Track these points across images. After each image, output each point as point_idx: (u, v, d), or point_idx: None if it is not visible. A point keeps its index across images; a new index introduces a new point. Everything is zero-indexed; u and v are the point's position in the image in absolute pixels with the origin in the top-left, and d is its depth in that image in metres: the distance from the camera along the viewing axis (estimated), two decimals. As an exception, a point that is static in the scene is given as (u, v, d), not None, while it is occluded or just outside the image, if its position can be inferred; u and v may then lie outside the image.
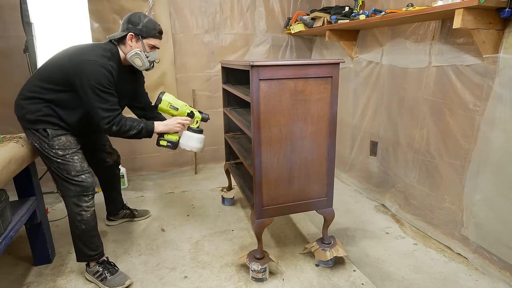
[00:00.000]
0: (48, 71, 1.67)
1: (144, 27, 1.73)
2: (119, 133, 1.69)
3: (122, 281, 1.76)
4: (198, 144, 1.94)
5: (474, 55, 1.83)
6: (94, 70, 1.59)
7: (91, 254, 1.78)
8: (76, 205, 1.71)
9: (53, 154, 1.67)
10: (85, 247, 1.77)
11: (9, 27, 2.75)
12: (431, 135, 2.18)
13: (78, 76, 1.59)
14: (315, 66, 1.63)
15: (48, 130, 1.67)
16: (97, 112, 1.62)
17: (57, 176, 1.71)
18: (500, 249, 1.77)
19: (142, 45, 1.75)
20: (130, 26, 1.72)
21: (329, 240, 1.92)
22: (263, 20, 3.50)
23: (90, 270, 1.81)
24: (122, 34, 1.73)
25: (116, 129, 1.67)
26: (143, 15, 1.76)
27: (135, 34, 1.73)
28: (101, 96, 1.61)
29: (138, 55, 1.74)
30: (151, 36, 1.76)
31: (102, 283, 1.76)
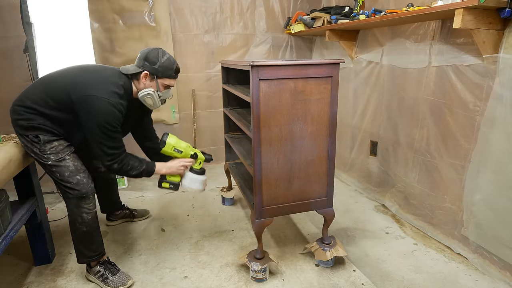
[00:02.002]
0: (56, 89, 1.59)
1: (161, 67, 1.65)
2: (119, 171, 1.65)
3: (124, 281, 1.76)
4: (200, 186, 1.95)
5: (474, 55, 1.83)
6: (104, 109, 1.52)
7: (92, 255, 1.76)
8: (76, 207, 1.66)
9: (45, 160, 1.62)
10: (85, 249, 1.75)
11: (9, 27, 2.75)
12: (431, 135, 2.18)
13: (85, 111, 1.52)
14: (315, 66, 1.63)
15: (40, 136, 1.60)
16: (101, 148, 1.57)
17: (53, 179, 1.68)
18: (500, 249, 1.77)
19: (157, 84, 1.68)
20: (147, 64, 1.65)
21: (329, 240, 1.92)
22: (263, 20, 3.50)
23: (91, 270, 1.80)
24: (137, 70, 1.66)
25: (117, 167, 1.63)
26: (161, 53, 1.67)
27: (150, 73, 1.65)
28: (108, 135, 1.55)
29: (150, 95, 1.67)
30: (167, 77, 1.70)
31: (103, 283, 1.76)
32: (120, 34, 3.02)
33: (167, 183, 1.90)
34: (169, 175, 1.89)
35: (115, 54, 3.04)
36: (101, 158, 1.61)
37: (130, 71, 1.67)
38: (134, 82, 1.70)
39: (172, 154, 1.88)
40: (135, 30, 3.05)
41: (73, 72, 1.64)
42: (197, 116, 3.53)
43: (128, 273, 1.86)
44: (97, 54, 2.99)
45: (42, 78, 1.69)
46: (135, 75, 1.68)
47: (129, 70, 1.67)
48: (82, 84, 1.56)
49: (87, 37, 2.95)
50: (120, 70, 1.69)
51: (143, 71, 1.65)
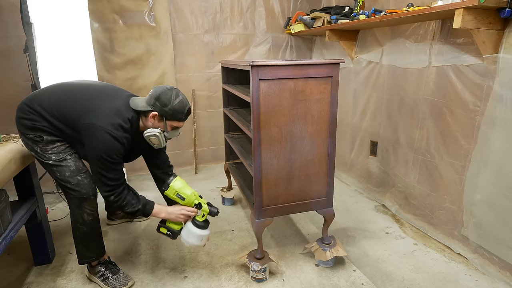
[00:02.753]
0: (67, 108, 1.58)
1: (171, 110, 1.59)
2: (114, 204, 1.60)
3: (124, 282, 1.76)
4: (198, 241, 1.72)
5: (474, 55, 1.83)
6: (106, 141, 1.49)
7: (91, 256, 1.75)
8: (78, 207, 1.65)
9: (46, 159, 1.60)
10: (85, 250, 1.73)
11: (9, 27, 2.75)
12: (431, 135, 2.18)
13: (88, 138, 1.52)
14: (315, 66, 1.63)
15: (44, 136, 1.59)
16: (100, 178, 1.55)
17: (56, 181, 1.66)
18: (500, 249, 1.77)
19: (165, 125, 1.63)
20: (158, 104, 1.58)
21: (329, 240, 1.92)
22: (263, 20, 3.50)
23: (91, 269, 1.81)
24: (147, 108, 1.60)
25: (113, 199, 1.59)
26: (174, 95, 1.60)
27: (159, 115, 1.60)
28: (107, 166, 1.53)
29: (156, 136, 1.62)
30: (177, 120, 1.64)
31: (104, 283, 1.76)
32: (120, 34, 3.02)
33: (165, 229, 1.75)
34: (169, 221, 1.77)
35: (115, 54, 3.04)
36: (99, 187, 1.60)
37: (139, 108, 1.62)
38: (142, 118, 1.67)
39: (174, 199, 1.74)
40: (135, 30, 3.05)
41: (89, 96, 1.62)
42: (197, 116, 3.53)
43: (128, 273, 1.86)
44: (97, 54, 2.99)
45: (58, 87, 1.67)
46: (143, 111, 1.63)
47: (138, 106, 1.62)
48: (91, 111, 1.55)
49: (87, 37, 2.95)
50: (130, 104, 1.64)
51: (153, 111, 1.60)
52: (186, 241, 1.72)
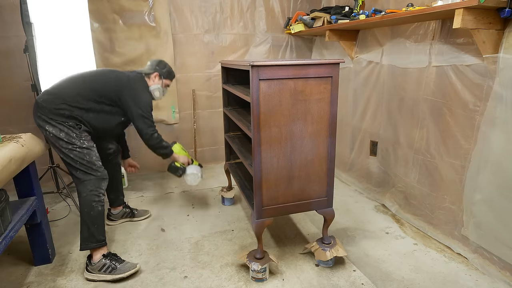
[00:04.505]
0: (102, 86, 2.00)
1: (167, 72, 2.25)
2: (157, 140, 2.10)
3: (132, 266, 1.86)
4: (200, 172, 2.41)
5: (474, 55, 1.83)
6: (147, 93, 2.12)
7: (101, 239, 1.88)
8: (96, 188, 1.88)
9: (79, 144, 1.86)
10: (97, 230, 1.86)
11: (9, 27, 2.75)
12: (431, 135, 2.18)
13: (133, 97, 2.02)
14: (315, 66, 1.63)
15: (81, 124, 1.91)
16: (146, 122, 2.04)
17: (77, 162, 1.85)
18: (500, 249, 1.77)
19: (162, 83, 2.23)
20: (158, 68, 2.22)
21: (329, 240, 1.92)
22: (263, 20, 3.50)
23: (93, 267, 1.82)
24: (151, 71, 2.20)
25: (157, 136, 2.10)
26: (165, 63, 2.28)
27: (159, 74, 2.22)
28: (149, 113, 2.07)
29: (159, 89, 2.22)
30: (169, 78, 2.29)
31: (112, 274, 1.80)
32: (120, 34, 3.02)
33: (178, 163, 2.32)
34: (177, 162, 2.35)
35: (115, 54, 3.04)
36: (145, 129, 2.05)
37: (145, 71, 2.22)
38: (145, 79, 2.21)
39: (180, 149, 2.38)
40: (135, 30, 3.06)
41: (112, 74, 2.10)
42: (197, 116, 3.53)
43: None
44: (97, 54, 2.99)
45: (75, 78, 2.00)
46: (148, 74, 2.21)
47: (144, 70, 2.23)
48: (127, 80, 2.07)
49: (87, 37, 2.95)
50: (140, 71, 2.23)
51: (155, 72, 2.21)
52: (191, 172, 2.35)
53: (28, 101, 2.82)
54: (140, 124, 2.05)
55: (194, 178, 2.36)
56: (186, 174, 2.34)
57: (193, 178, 2.37)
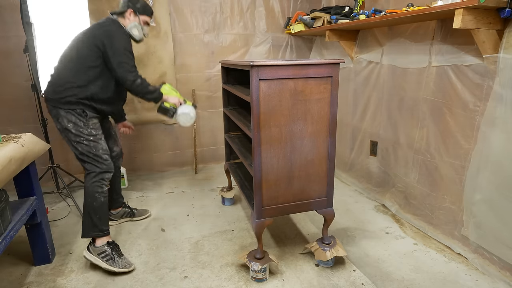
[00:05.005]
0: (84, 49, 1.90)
1: (142, 6, 2.06)
2: (143, 85, 1.95)
3: (128, 265, 1.89)
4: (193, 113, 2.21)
5: (474, 55, 1.83)
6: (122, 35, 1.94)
7: (104, 229, 1.93)
8: (100, 179, 1.92)
9: (87, 133, 1.89)
10: (99, 221, 1.91)
11: (9, 27, 2.75)
12: (431, 135, 2.18)
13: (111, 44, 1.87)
14: (315, 66, 1.63)
15: (87, 111, 1.91)
16: (125, 67, 1.89)
17: (84, 155, 1.90)
18: (500, 249, 1.77)
19: (139, 20, 2.06)
20: (130, 4, 2.03)
21: (329, 240, 1.92)
22: (263, 20, 3.50)
23: (95, 249, 1.87)
24: (123, 9, 2.02)
25: (141, 81, 1.94)
26: None
27: (133, 10, 2.03)
28: (129, 57, 1.93)
29: (136, 26, 2.05)
30: (146, 14, 2.09)
31: (107, 263, 1.84)
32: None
33: (168, 103, 2.14)
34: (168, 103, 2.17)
35: (115, 54, 3.03)
36: (126, 76, 1.90)
37: (118, 10, 2.05)
38: (120, 20, 2.04)
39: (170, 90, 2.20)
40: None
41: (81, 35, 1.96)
42: (197, 116, 3.52)
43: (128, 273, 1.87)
44: (97, 54, 2.99)
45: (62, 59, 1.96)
46: (121, 14, 2.05)
47: (117, 10, 2.06)
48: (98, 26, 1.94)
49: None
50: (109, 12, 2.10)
51: (128, 9, 2.03)
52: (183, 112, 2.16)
53: (28, 101, 2.82)
54: (120, 71, 1.91)
55: (186, 118, 2.22)
56: (178, 115, 2.19)
57: (185, 118, 2.22)
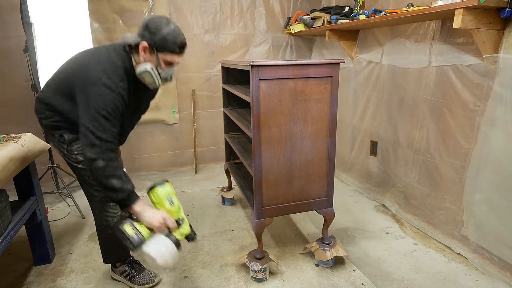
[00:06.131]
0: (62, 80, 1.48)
1: (162, 40, 1.37)
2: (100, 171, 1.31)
3: (151, 279, 1.78)
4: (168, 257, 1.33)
5: (474, 55, 1.83)
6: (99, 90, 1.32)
7: (118, 257, 1.79)
8: (102, 211, 1.62)
9: (73, 160, 1.55)
10: (111, 251, 1.77)
11: (9, 27, 2.75)
12: (431, 135, 2.18)
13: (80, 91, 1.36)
14: (315, 66, 1.63)
15: (65, 135, 1.51)
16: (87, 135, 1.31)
17: (80, 181, 1.62)
18: (500, 249, 1.77)
19: (157, 59, 1.41)
20: (146, 33, 1.38)
21: (329, 240, 1.92)
22: (263, 20, 3.50)
23: (117, 270, 1.81)
24: (136, 40, 1.41)
25: (102, 165, 1.31)
26: (165, 22, 1.38)
27: (149, 45, 1.39)
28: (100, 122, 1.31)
29: (147, 72, 1.41)
30: (169, 51, 1.41)
31: (130, 282, 1.77)
32: (120, 34, 3.01)
33: (132, 228, 1.33)
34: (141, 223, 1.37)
35: (115, 54, 3.03)
36: (84, 147, 1.32)
37: (129, 41, 1.42)
38: (134, 55, 1.45)
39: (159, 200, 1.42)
40: (135, 30, 3.03)
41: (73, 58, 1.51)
42: (197, 116, 3.53)
43: (128, 273, 1.85)
44: (97, 54, 2.99)
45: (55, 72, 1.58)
46: (135, 47, 1.43)
47: (128, 39, 1.42)
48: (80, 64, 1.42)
49: (87, 37, 2.95)
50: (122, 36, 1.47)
51: (142, 40, 1.39)
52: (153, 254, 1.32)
53: (28, 101, 2.81)
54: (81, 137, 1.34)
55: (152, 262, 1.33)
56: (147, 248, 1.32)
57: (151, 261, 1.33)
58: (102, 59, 1.40)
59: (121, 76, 1.40)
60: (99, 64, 1.38)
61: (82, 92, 1.35)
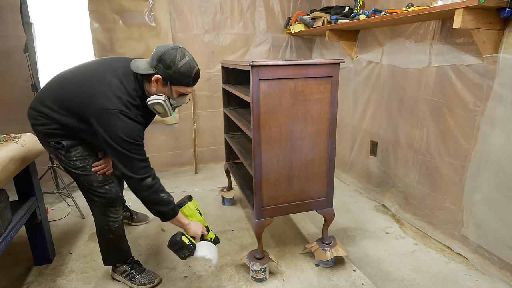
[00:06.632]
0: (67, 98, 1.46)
1: (177, 73, 1.40)
2: (152, 188, 1.44)
3: (151, 280, 1.78)
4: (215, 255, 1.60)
5: (474, 55, 1.83)
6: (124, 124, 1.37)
7: (119, 259, 1.79)
8: (103, 215, 1.63)
9: (71, 166, 1.54)
10: (112, 254, 1.77)
11: (9, 27, 2.75)
12: (431, 135, 2.18)
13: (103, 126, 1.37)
14: (315, 66, 1.63)
15: (62, 142, 1.51)
16: (131, 162, 1.39)
17: (80, 187, 1.62)
18: (500, 249, 1.77)
19: (170, 91, 1.45)
20: (160, 66, 1.39)
21: (329, 240, 1.92)
22: (263, 20, 3.49)
23: (117, 270, 1.81)
24: (149, 71, 1.42)
25: (151, 182, 1.43)
26: (180, 55, 1.39)
27: (162, 78, 1.41)
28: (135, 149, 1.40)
29: (160, 104, 1.44)
30: (183, 84, 1.45)
31: (130, 282, 1.77)
32: (120, 34, 3.02)
33: (187, 238, 1.52)
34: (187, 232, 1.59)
35: (115, 54, 3.03)
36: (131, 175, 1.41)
37: (140, 71, 1.44)
38: (145, 83, 1.48)
39: (192, 212, 1.65)
40: (135, 30, 3.05)
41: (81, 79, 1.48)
42: (197, 116, 3.53)
43: (128, 273, 1.85)
44: (97, 54, 2.99)
45: (53, 80, 1.56)
46: (147, 76, 1.45)
47: (140, 68, 1.44)
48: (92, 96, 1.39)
49: (87, 37, 2.95)
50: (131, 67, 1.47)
51: (155, 74, 1.42)
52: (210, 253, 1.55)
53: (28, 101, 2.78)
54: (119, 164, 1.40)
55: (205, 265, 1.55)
56: (195, 258, 1.54)
57: (203, 266, 1.55)
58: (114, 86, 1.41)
59: (138, 106, 1.45)
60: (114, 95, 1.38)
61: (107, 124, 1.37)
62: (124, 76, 1.45)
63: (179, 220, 1.55)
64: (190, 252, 1.52)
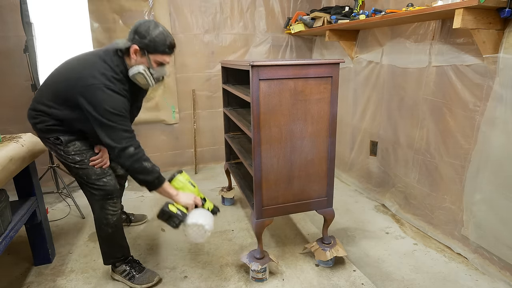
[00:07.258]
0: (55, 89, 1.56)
1: (152, 42, 1.48)
2: (135, 157, 1.48)
3: (150, 279, 1.78)
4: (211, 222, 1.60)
5: (474, 55, 1.83)
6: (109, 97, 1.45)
7: (118, 257, 1.79)
8: (102, 209, 1.66)
9: (70, 161, 1.63)
10: (111, 250, 1.77)
11: (9, 27, 2.75)
12: (431, 135, 2.18)
13: (90, 101, 1.44)
14: (315, 66, 1.63)
15: (61, 137, 1.61)
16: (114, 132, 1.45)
17: (79, 181, 1.69)
18: (500, 249, 1.77)
19: (148, 60, 1.52)
20: (136, 37, 1.49)
21: (329, 240, 1.92)
22: (263, 20, 3.50)
23: (117, 270, 1.81)
24: (127, 45, 1.51)
25: (134, 151, 1.48)
26: (153, 26, 1.49)
27: (140, 48, 1.50)
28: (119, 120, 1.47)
29: (140, 73, 1.52)
30: (159, 52, 1.51)
31: (130, 281, 1.77)
32: (120, 34, 3.01)
33: (175, 207, 1.55)
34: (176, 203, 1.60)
35: (115, 54, 3.04)
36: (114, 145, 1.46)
37: (119, 46, 1.51)
38: (126, 59, 1.55)
39: (184, 184, 1.66)
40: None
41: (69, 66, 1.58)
42: (197, 116, 3.53)
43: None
44: (97, 54, 2.99)
45: (46, 80, 1.65)
46: (126, 51, 1.52)
47: (119, 45, 1.52)
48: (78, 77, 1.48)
49: (87, 37, 2.95)
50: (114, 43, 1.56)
51: (133, 44, 1.49)
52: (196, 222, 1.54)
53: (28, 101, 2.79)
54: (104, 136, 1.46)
55: (198, 231, 1.56)
56: (187, 225, 1.55)
57: (197, 232, 1.56)
58: (99, 65, 1.50)
59: (121, 80, 1.53)
60: (98, 71, 1.48)
61: (93, 98, 1.45)
62: (106, 55, 1.54)
63: (166, 191, 1.58)
64: (180, 220, 1.54)
